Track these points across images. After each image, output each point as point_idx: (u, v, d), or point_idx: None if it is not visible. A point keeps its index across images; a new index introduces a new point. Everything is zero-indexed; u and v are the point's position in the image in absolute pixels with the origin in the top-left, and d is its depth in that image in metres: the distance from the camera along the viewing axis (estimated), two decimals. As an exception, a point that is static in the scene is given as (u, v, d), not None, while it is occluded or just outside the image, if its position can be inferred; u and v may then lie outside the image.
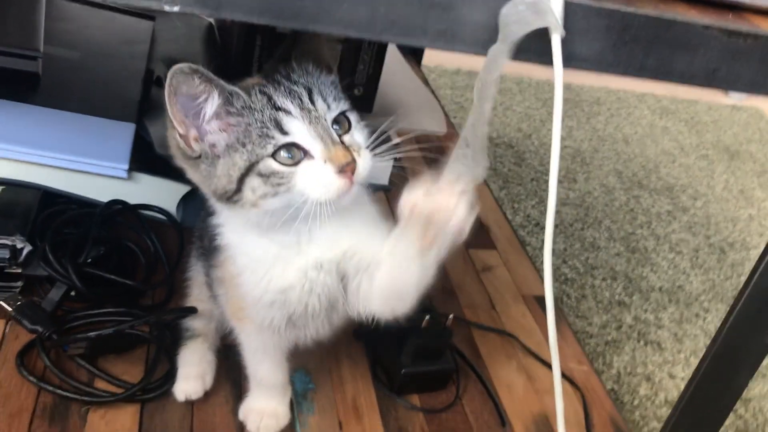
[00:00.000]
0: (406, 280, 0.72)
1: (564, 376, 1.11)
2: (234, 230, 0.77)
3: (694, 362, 1.58)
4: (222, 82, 0.67)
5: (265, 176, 0.67)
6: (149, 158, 1.06)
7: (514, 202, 2.01)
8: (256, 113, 0.68)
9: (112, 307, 0.98)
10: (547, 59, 0.59)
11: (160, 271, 1.07)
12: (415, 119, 1.55)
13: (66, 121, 1.08)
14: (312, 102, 0.70)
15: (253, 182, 0.68)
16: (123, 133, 1.10)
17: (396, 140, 0.76)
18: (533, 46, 0.58)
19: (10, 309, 0.95)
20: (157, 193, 1.10)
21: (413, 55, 2.08)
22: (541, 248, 1.82)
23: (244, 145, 0.68)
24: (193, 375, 0.92)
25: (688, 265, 1.93)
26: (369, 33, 0.54)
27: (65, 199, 1.06)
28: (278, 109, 0.69)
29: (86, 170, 1.04)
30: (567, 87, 2.91)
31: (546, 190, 2.12)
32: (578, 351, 1.18)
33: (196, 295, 0.98)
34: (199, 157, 0.70)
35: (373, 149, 0.73)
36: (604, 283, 1.76)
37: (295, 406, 0.94)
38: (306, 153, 0.68)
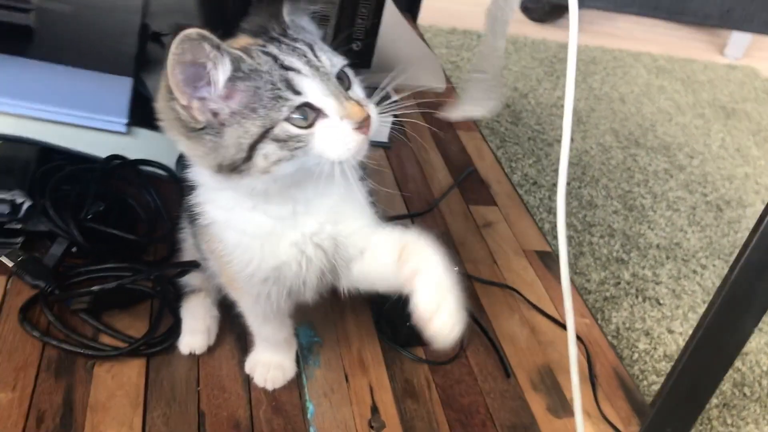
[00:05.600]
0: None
1: (564, 327, 1.11)
2: (221, 206, 0.74)
3: (692, 318, 1.59)
4: (229, 47, 0.64)
5: (282, 141, 0.64)
6: (148, 113, 1.04)
7: (512, 162, 2.00)
8: (264, 75, 0.64)
9: (115, 263, 0.97)
10: (561, -2, 0.57)
11: (160, 227, 1.06)
12: (414, 75, 1.53)
13: (63, 75, 1.07)
14: (317, 58, 0.67)
15: (266, 148, 0.64)
16: (121, 88, 1.08)
17: (395, 97, 0.74)
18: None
19: (11, 264, 0.94)
20: (156, 148, 1.09)
21: (410, 12, 2.05)
22: (539, 206, 1.82)
23: (254, 111, 0.63)
24: (198, 329, 0.92)
25: (685, 222, 1.93)
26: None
27: (63, 154, 1.05)
28: (287, 68, 0.65)
29: (84, 125, 1.03)
30: (562, 46, 2.89)
31: (543, 149, 2.12)
32: (580, 304, 1.18)
33: (190, 257, 0.96)
34: (203, 128, 0.65)
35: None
36: (602, 241, 1.76)
37: (300, 359, 0.94)
38: (319, 112, 0.65)
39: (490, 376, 1.00)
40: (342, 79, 0.68)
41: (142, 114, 1.07)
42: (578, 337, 1.09)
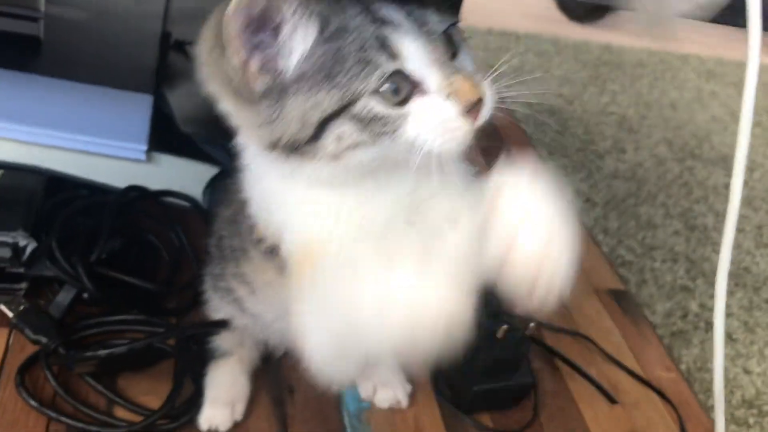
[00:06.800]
0: None
1: (650, 386, 0.96)
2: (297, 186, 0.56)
3: (769, 355, 1.43)
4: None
5: (364, 121, 0.49)
6: (171, 136, 0.92)
7: (560, 176, 1.85)
8: (352, 33, 0.49)
9: (130, 314, 0.84)
10: None
11: (185, 268, 0.93)
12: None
13: (73, 92, 0.94)
14: (422, 11, 0.51)
15: (341, 128, 0.50)
16: (140, 107, 0.95)
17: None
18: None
19: (11, 315, 0.81)
20: (180, 177, 0.95)
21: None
22: (594, 227, 1.66)
23: (330, 78, 0.49)
24: (221, 400, 0.77)
25: (752, 244, 1.77)
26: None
27: (73, 185, 0.92)
28: (382, 21, 0.50)
29: (98, 152, 0.90)
30: (607, 48, 2.73)
31: (593, 162, 1.97)
32: (663, 354, 1.04)
33: (217, 307, 0.82)
34: (260, 96, 0.51)
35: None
36: (664, 266, 1.61)
37: (348, 430, 0.80)
38: (416, 86, 0.50)
39: (569, 448, 0.85)
40: (448, 43, 0.52)
41: (163, 138, 0.93)
42: (665, 398, 0.94)
